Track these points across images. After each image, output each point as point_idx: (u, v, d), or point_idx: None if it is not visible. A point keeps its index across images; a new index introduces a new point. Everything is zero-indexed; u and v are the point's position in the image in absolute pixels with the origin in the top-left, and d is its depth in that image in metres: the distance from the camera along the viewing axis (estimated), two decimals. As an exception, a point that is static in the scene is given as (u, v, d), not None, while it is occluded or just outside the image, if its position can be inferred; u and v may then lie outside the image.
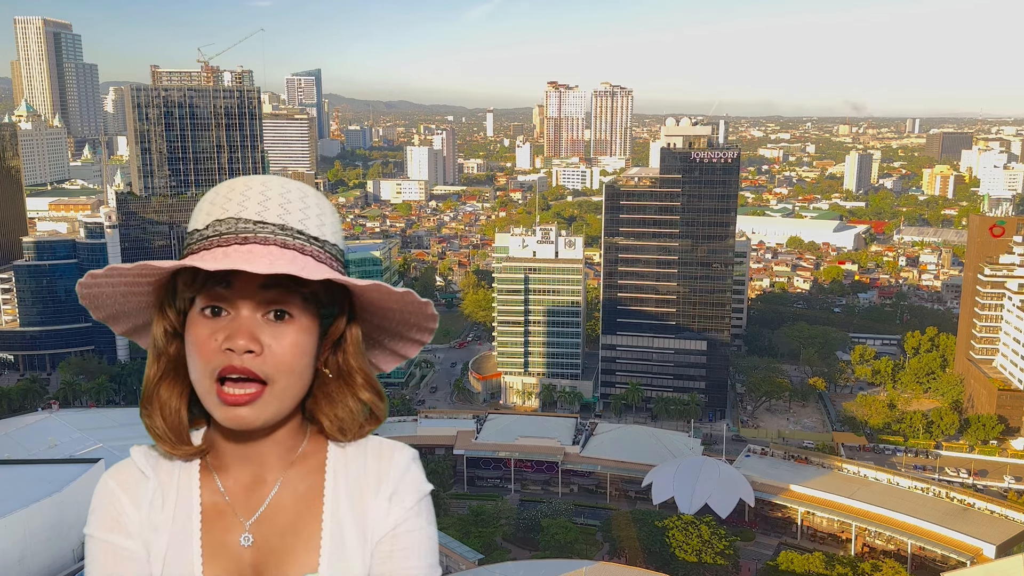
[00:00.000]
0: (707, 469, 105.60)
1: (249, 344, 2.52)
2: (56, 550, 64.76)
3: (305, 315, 2.65)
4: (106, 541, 2.74)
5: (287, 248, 2.57)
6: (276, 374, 2.57)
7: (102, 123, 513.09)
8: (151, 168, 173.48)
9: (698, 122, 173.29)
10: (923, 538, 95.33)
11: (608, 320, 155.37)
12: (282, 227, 2.59)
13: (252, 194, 2.62)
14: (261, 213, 2.58)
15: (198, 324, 2.58)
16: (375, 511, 2.83)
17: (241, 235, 2.55)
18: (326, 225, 2.71)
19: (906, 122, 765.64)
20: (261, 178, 2.69)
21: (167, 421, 2.73)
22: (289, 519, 2.78)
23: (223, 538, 2.75)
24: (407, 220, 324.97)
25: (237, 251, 2.51)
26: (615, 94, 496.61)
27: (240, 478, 2.81)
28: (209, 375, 2.54)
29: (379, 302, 2.76)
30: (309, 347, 2.68)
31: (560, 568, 74.84)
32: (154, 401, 2.74)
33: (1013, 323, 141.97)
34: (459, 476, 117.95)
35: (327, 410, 2.84)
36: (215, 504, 2.78)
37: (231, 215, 2.58)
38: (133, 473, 2.80)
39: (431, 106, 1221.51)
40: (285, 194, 2.65)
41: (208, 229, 2.59)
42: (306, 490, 2.82)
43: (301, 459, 2.85)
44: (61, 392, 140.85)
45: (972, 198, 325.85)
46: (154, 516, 2.75)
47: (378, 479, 2.86)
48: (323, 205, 2.73)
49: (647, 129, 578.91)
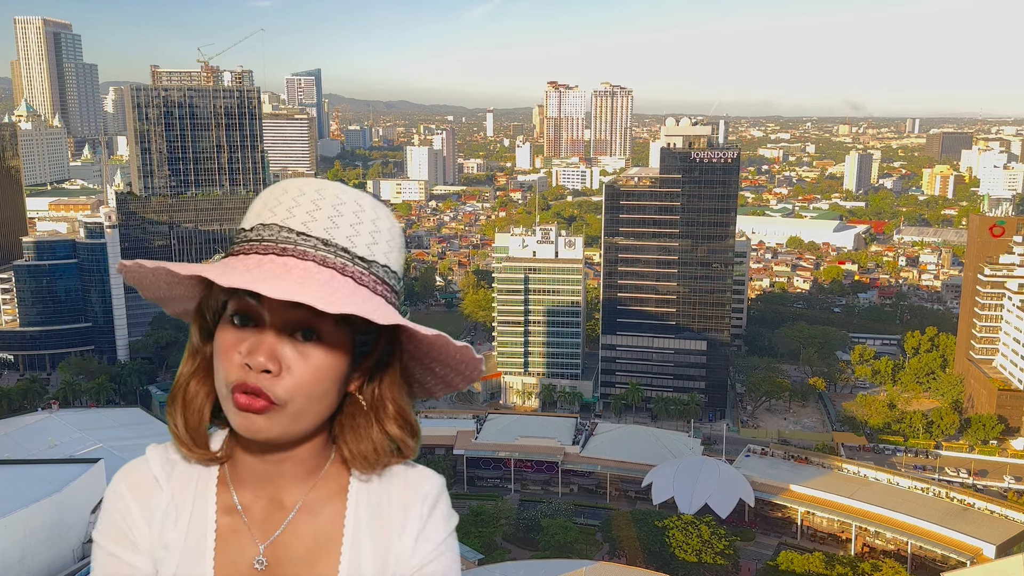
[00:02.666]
0: (707, 469, 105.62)
1: (267, 363, 2.37)
2: (56, 550, 64.66)
3: (336, 335, 2.45)
4: (112, 554, 2.64)
5: (326, 266, 2.39)
6: (289, 397, 2.41)
7: (102, 123, 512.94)
8: (151, 168, 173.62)
9: (698, 122, 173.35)
10: (923, 538, 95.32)
11: (608, 320, 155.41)
12: (326, 242, 2.41)
13: (303, 200, 2.45)
14: (307, 224, 2.41)
15: (225, 331, 2.46)
16: (399, 550, 2.68)
17: (281, 245, 2.40)
18: (379, 244, 2.51)
19: (906, 122, 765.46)
20: (317, 184, 2.51)
21: (188, 421, 2.62)
22: (306, 547, 2.64)
23: (236, 559, 2.62)
24: (407, 220, 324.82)
25: (273, 262, 2.38)
26: (615, 94, 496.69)
27: (258, 495, 2.67)
28: (226, 385, 2.44)
29: (432, 350, 2.58)
30: (335, 371, 2.48)
31: (560, 568, 74.79)
32: (179, 399, 2.63)
33: (1013, 323, 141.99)
34: (459, 476, 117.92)
35: (350, 442, 2.66)
36: (231, 522, 2.65)
37: (277, 221, 2.43)
38: (146, 479, 2.67)
39: (431, 106, 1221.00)
40: (338, 206, 2.46)
41: (252, 232, 2.46)
42: (326, 518, 2.66)
43: (323, 482, 2.69)
44: (61, 392, 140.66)
45: (972, 198, 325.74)
46: (166, 533, 2.63)
47: (404, 514, 2.70)
48: (380, 222, 2.53)
49: (647, 129, 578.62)
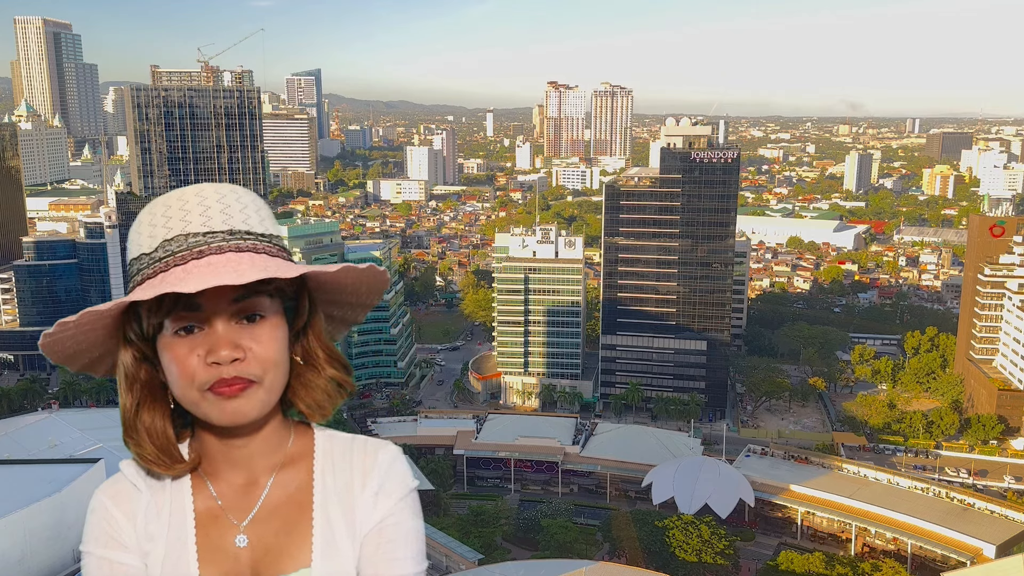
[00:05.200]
0: (707, 469, 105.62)
1: (233, 353, 2.55)
2: (56, 550, 64.61)
3: (274, 311, 2.70)
4: (103, 558, 2.78)
5: (242, 252, 2.58)
6: (263, 372, 2.63)
7: (102, 123, 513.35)
8: (151, 168, 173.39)
9: (698, 122, 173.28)
10: (923, 538, 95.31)
11: (608, 320, 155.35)
12: (231, 232, 2.58)
13: (191, 207, 2.60)
14: (207, 223, 2.57)
15: (174, 345, 2.57)
16: (362, 506, 2.89)
17: (195, 249, 2.53)
18: (265, 219, 2.72)
19: (906, 122, 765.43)
20: (193, 188, 2.67)
21: (156, 444, 2.74)
22: (281, 518, 2.85)
23: (218, 541, 2.80)
24: (407, 220, 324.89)
25: (196, 266, 2.50)
26: (615, 94, 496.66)
27: (232, 482, 2.86)
28: (198, 389, 2.57)
29: (344, 283, 2.79)
30: (284, 340, 2.73)
31: (560, 568, 74.74)
32: (138, 428, 2.74)
33: (1013, 323, 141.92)
34: (459, 476, 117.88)
35: (304, 396, 2.88)
36: (209, 509, 2.83)
37: (178, 232, 2.55)
38: (125, 487, 2.83)
39: (431, 106, 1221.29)
40: (221, 199, 2.64)
41: (159, 251, 2.55)
42: (296, 489, 2.89)
43: (290, 461, 2.91)
44: (61, 392, 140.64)
45: (972, 198, 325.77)
46: (149, 526, 2.80)
47: (364, 475, 2.92)
48: (257, 200, 2.74)
49: (647, 129, 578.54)
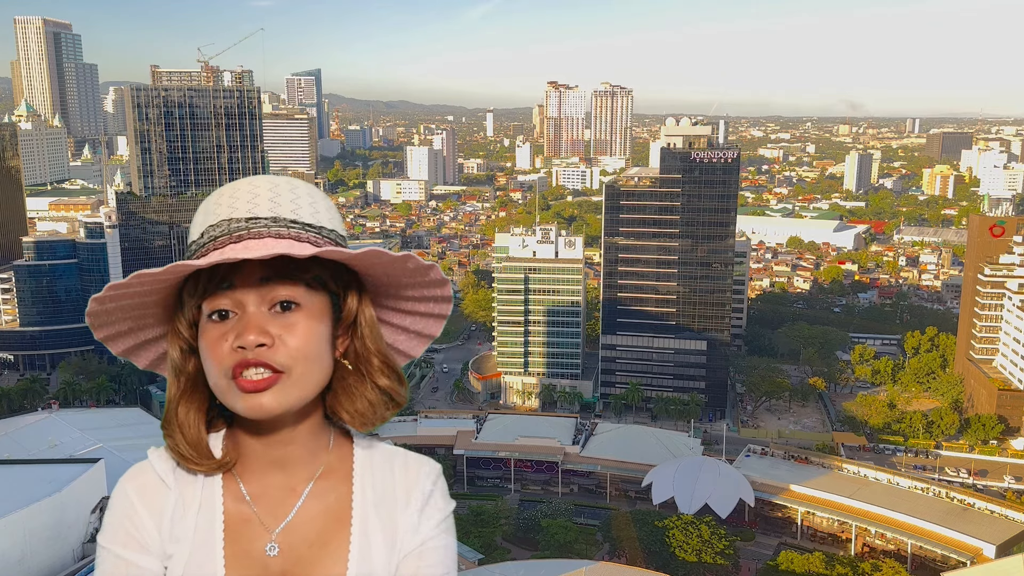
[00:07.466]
0: (707, 469, 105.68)
1: (260, 338, 2.47)
2: (56, 550, 64.73)
3: (313, 301, 2.58)
4: (120, 557, 2.65)
5: (282, 238, 2.52)
6: (291, 362, 2.51)
7: (102, 123, 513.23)
8: (151, 168, 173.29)
9: (698, 122, 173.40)
10: (923, 538, 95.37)
11: (608, 320, 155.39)
12: (275, 219, 2.54)
13: (241, 195, 2.58)
14: (252, 210, 2.55)
15: (208, 330, 2.55)
16: (404, 525, 2.80)
17: (235, 234, 2.52)
18: (320, 212, 2.63)
19: (906, 122, 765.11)
20: (250, 179, 2.65)
21: (187, 437, 2.67)
22: (316, 529, 2.72)
23: (248, 547, 2.67)
24: (407, 220, 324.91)
25: (232, 249, 2.49)
26: (615, 94, 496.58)
27: (267, 485, 2.74)
28: (225, 375, 2.50)
29: (382, 274, 2.66)
30: (322, 333, 2.60)
31: (560, 568, 74.86)
32: (174, 420, 2.69)
33: (1013, 323, 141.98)
34: (459, 476, 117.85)
35: (346, 404, 2.75)
36: (240, 512, 2.71)
37: (222, 218, 2.56)
38: (152, 480, 2.72)
39: (431, 106, 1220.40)
40: (273, 188, 2.61)
41: (203, 237, 2.57)
42: (334, 500, 2.77)
43: (328, 470, 2.79)
44: (61, 392, 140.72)
45: (972, 198, 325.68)
46: (175, 528, 2.67)
47: (407, 493, 2.83)
48: (315, 194, 2.67)
49: (647, 129, 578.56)
